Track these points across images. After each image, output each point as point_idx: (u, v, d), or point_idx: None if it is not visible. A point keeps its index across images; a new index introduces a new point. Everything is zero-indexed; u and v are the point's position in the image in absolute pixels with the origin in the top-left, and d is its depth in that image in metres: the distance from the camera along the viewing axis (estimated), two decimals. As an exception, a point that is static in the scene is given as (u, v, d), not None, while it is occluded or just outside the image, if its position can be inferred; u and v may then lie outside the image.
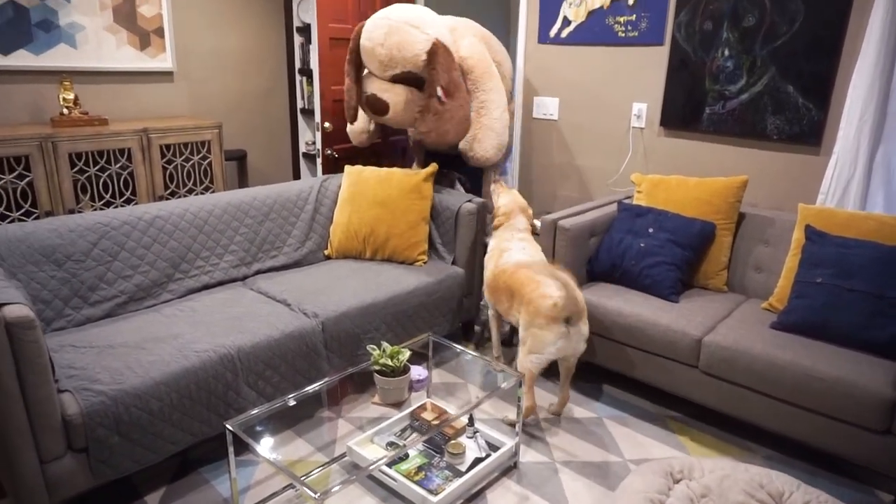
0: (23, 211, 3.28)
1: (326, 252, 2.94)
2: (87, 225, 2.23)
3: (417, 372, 1.90)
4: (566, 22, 3.31)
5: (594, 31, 3.22)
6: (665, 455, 2.22)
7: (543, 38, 3.42)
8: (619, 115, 3.23)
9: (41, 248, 2.11)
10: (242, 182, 4.63)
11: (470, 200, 2.85)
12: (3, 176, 3.20)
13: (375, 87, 2.84)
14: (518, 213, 2.63)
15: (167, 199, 3.83)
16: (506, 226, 2.61)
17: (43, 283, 2.10)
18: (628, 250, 2.59)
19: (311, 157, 4.97)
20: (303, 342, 2.20)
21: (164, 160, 3.79)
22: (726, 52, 2.78)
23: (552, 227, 2.59)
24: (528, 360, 2.13)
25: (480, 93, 3.04)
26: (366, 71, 2.95)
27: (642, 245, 2.57)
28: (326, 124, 3.63)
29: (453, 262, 2.88)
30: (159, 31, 4.08)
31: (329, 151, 3.65)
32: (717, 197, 2.61)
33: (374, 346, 1.90)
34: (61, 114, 3.54)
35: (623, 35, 3.11)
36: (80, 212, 3.50)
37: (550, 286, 2.09)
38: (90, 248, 2.22)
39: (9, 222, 3.24)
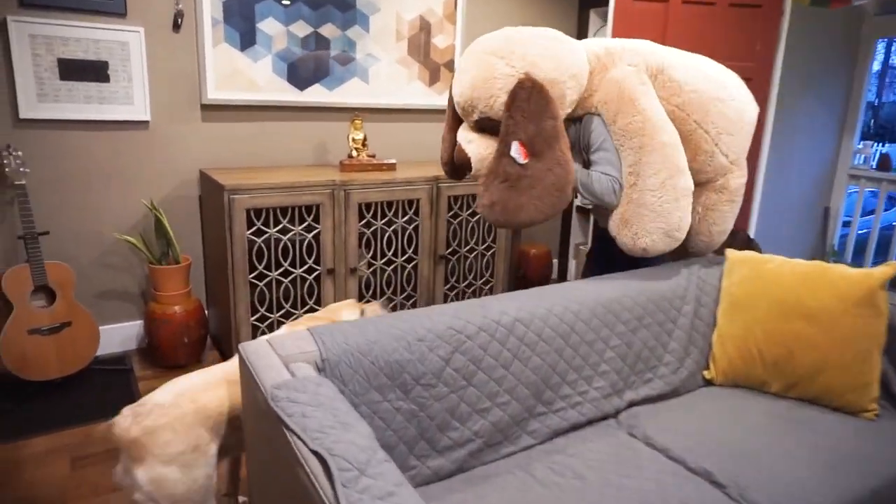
0: (305, 267, 2.83)
1: (706, 374, 2.05)
2: (437, 331, 1.57)
3: None
4: None
5: None
6: None
7: None
8: None
9: (386, 364, 1.47)
10: (515, 241, 3.95)
11: (964, 326, 1.80)
12: (292, 227, 2.77)
13: (461, 136, 2.08)
14: None
15: (447, 259, 3.24)
16: None
17: (387, 418, 1.45)
18: None
19: (584, 212, 4.19)
20: (768, 570, 1.31)
21: (450, 214, 3.20)
22: None
23: None
24: None
25: (628, 151, 2.02)
26: None
27: None
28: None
29: (924, 420, 1.84)
30: (449, 65, 3.56)
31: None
32: None
33: None
34: (350, 156, 3.10)
35: None
36: (358, 271, 3.00)
37: None
38: (442, 367, 1.54)
39: (290, 280, 2.81)
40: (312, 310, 2.88)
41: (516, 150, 1.93)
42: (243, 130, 3.07)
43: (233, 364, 1.61)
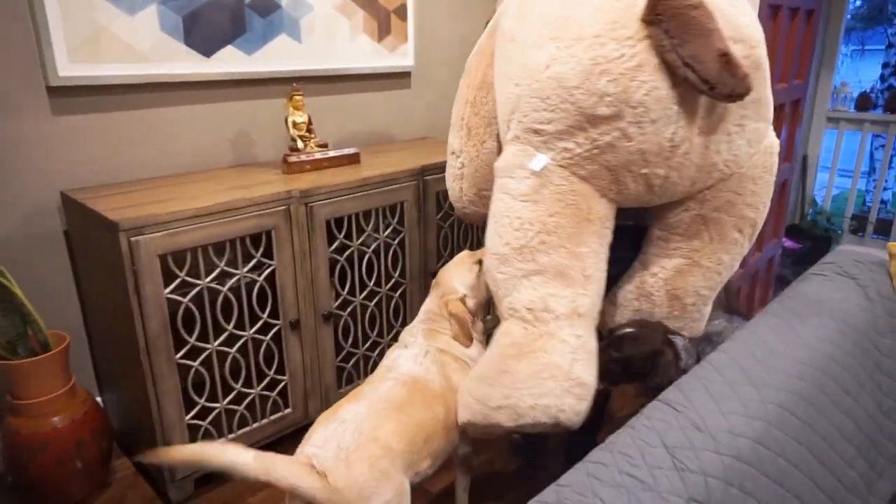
0: (259, 325, 1.89)
1: (914, 431, 1.45)
2: (678, 515, 0.79)
3: None
4: None
5: None
6: None
7: None
8: None
9: None
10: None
11: None
12: (233, 270, 1.81)
13: None
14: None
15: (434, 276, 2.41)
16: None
17: None
18: None
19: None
20: None
21: (439, 216, 2.37)
22: None
23: None
24: None
25: None
26: None
27: None
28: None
29: None
30: (401, 11, 2.66)
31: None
32: None
33: None
34: (292, 148, 2.15)
35: None
36: (333, 315, 2.12)
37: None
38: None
39: (238, 347, 1.86)
40: (275, 383, 1.96)
41: None
42: (122, 124, 2.00)
43: (390, 388, 1.32)
